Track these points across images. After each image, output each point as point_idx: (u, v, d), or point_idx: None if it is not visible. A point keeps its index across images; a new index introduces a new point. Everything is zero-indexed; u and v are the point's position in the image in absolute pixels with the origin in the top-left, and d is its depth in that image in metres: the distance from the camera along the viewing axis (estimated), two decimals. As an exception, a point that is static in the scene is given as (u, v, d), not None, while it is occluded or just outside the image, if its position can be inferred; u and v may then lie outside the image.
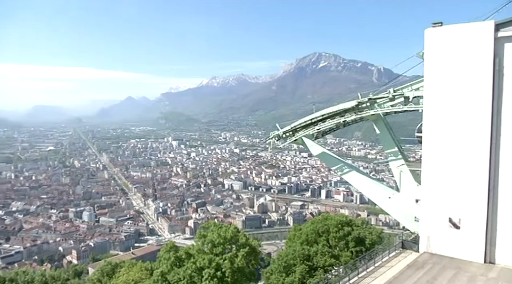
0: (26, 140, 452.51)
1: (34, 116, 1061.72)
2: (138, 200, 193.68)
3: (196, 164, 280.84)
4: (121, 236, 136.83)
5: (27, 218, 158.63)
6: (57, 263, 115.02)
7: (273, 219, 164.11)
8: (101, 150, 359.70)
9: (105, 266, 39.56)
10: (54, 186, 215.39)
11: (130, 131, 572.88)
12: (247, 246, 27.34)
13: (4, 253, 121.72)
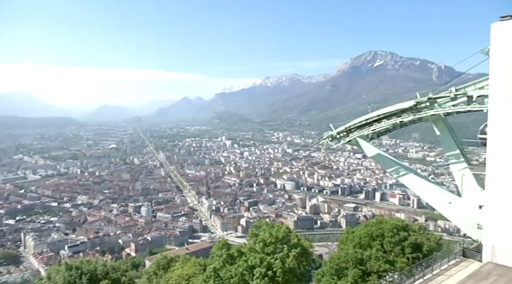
0: (91, 138, 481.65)
1: (99, 115, 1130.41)
2: (193, 197, 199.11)
3: (248, 164, 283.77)
4: (176, 232, 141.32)
5: (91, 211, 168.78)
6: (117, 254, 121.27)
7: (325, 220, 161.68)
8: (158, 148, 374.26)
9: (161, 259, 41.11)
10: (116, 181, 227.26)
11: (185, 130, 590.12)
12: (299, 246, 27.14)
13: (71, 243, 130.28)
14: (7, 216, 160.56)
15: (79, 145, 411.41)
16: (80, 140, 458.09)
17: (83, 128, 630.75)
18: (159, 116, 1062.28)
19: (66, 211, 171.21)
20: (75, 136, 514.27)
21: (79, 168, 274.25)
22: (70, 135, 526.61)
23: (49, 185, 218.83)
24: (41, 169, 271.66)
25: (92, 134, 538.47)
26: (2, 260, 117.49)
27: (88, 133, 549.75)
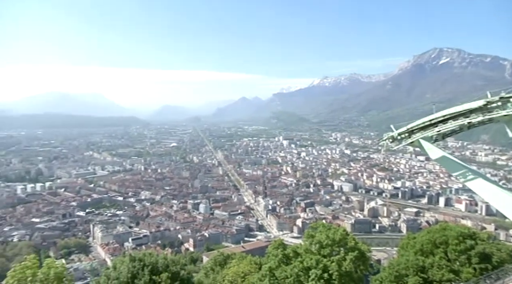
0: (154, 137, 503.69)
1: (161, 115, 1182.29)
2: (249, 196, 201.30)
3: (305, 164, 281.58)
4: (233, 230, 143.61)
5: (153, 206, 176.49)
6: (177, 249, 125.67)
7: (384, 224, 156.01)
8: (216, 147, 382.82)
9: (218, 256, 42.10)
10: (176, 179, 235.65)
11: (243, 130, 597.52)
12: (356, 250, 26.47)
13: (134, 235, 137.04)
14: (78, 208, 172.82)
15: (143, 143, 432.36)
16: (144, 139, 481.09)
17: (147, 127, 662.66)
18: (218, 116, 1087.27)
19: (130, 206, 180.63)
20: (140, 134, 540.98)
21: (143, 165, 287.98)
22: (135, 133, 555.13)
23: (116, 180, 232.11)
24: (109, 165, 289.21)
25: (155, 133, 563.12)
26: (74, 249, 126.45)
27: (151, 132, 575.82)
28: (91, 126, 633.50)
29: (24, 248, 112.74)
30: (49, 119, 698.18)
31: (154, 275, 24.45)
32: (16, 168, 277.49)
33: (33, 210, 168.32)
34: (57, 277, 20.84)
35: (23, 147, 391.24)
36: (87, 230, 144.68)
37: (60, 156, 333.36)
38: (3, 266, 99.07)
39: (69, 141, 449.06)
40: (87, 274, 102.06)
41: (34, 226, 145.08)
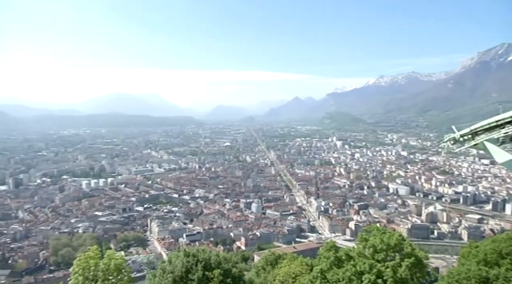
0: (208, 136, 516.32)
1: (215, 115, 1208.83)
2: (301, 197, 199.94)
3: (359, 165, 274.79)
4: (284, 230, 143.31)
5: (206, 204, 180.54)
6: (228, 246, 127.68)
7: (444, 231, 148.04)
8: (269, 147, 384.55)
9: (269, 255, 42.22)
10: (229, 178, 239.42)
11: (296, 130, 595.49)
12: (413, 256, 25.36)
13: (188, 232, 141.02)
14: (137, 203, 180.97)
15: (198, 143, 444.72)
16: (199, 138, 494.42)
17: (201, 126, 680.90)
18: (271, 116, 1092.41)
19: (185, 203, 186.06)
20: (195, 134, 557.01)
21: (197, 163, 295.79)
22: (191, 133, 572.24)
23: (172, 178, 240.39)
24: (165, 163, 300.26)
25: (209, 132, 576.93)
26: (132, 242, 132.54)
27: (205, 131, 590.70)
28: (150, 126, 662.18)
29: (88, 239, 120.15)
30: (111, 119, 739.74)
31: (207, 271, 25.01)
32: (82, 164, 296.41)
33: (96, 204, 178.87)
34: (117, 268, 21.99)
35: (88, 145, 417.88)
36: (145, 225, 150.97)
37: (121, 154, 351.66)
38: (70, 255, 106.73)
39: (129, 139, 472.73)
40: (144, 267, 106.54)
41: (97, 219, 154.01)
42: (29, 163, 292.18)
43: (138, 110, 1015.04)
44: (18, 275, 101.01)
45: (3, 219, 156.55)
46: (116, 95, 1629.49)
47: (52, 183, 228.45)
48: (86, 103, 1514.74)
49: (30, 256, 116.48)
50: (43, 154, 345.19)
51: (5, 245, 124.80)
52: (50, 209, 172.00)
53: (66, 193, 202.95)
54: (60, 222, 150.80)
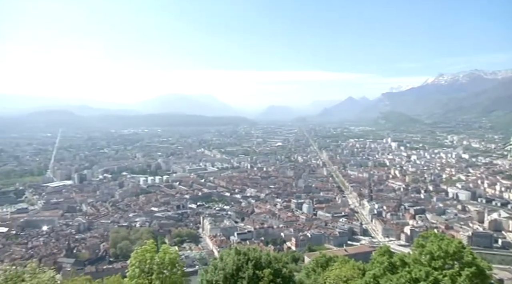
0: (260, 136, 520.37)
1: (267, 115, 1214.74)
2: (354, 199, 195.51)
3: (416, 168, 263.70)
4: (335, 232, 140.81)
5: (257, 204, 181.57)
6: (279, 246, 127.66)
7: (509, 240, 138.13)
8: (321, 148, 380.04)
9: (320, 257, 41.65)
10: (280, 178, 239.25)
11: (349, 130, 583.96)
12: (474, 265, 23.87)
13: (240, 230, 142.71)
14: (190, 200, 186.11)
15: (250, 142, 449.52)
16: (251, 138, 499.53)
17: (253, 126, 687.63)
18: (323, 116, 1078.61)
19: (237, 201, 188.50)
20: (247, 134, 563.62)
21: (249, 163, 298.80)
22: (243, 133, 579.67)
23: (224, 177, 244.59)
24: (218, 162, 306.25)
25: (261, 132, 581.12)
26: (185, 238, 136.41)
27: (258, 131, 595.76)
28: (204, 125, 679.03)
29: (144, 233, 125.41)
30: (167, 118, 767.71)
31: (257, 269, 25.21)
32: (140, 161, 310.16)
33: (152, 200, 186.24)
34: (171, 262, 22.82)
35: (145, 143, 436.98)
36: (198, 222, 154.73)
37: (176, 152, 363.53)
38: (127, 248, 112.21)
39: (184, 138, 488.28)
40: (196, 262, 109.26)
41: (153, 214, 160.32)
42: (92, 159, 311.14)
43: (193, 110, 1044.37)
44: (82, 264, 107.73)
45: (69, 212, 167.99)
46: (172, 95, 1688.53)
47: (113, 179, 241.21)
48: (144, 103, 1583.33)
49: (92, 247, 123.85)
50: (105, 152, 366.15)
51: (70, 235, 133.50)
52: (110, 203, 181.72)
53: (125, 188, 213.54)
54: (119, 216, 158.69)
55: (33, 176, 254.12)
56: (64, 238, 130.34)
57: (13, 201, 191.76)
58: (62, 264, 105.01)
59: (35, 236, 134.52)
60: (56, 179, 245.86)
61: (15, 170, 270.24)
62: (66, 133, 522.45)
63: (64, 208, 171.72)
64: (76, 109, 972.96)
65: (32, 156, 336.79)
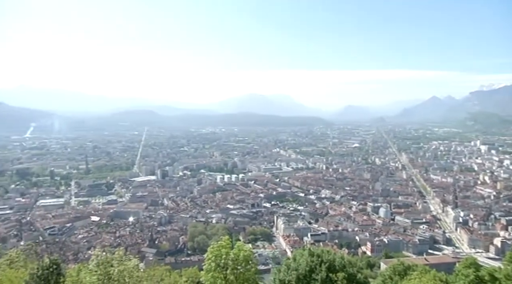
0: (336, 137, 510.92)
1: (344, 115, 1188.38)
2: (436, 205, 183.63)
3: (509, 174, 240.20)
4: (415, 239, 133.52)
5: (332, 205, 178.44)
6: (353, 250, 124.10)
7: None
8: (401, 150, 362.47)
9: (397, 265, 39.78)
10: (357, 180, 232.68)
11: (432, 132, 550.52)
12: None
13: (313, 231, 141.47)
14: (265, 199, 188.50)
15: (325, 143, 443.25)
16: (327, 138, 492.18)
17: (329, 127, 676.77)
18: (404, 117, 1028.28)
19: (311, 202, 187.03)
20: (323, 134, 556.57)
21: (324, 164, 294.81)
22: (318, 133, 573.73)
23: (299, 177, 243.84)
24: (293, 162, 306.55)
25: (337, 133, 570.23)
26: (259, 236, 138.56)
27: (334, 131, 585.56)
28: (279, 125, 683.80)
29: (220, 229, 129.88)
30: (244, 118, 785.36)
31: (331, 272, 24.82)
32: (217, 160, 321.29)
33: (228, 197, 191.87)
34: (245, 259, 23.36)
35: (223, 142, 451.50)
36: (271, 221, 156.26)
37: (251, 152, 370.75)
38: (204, 242, 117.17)
39: (260, 138, 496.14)
40: (269, 261, 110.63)
41: (229, 212, 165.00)
42: (173, 157, 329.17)
43: (269, 110, 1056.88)
44: (162, 254, 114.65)
45: (152, 205, 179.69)
46: (249, 96, 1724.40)
47: (192, 175, 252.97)
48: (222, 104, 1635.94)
49: (171, 240, 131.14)
50: (185, 150, 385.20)
51: (153, 227, 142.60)
52: (189, 199, 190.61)
53: (203, 185, 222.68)
54: (197, 212, 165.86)
55: (121, 171, 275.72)
56: (148, 229, 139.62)
57: (105, 193, 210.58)
58: (145, 254, 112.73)
59: (122, 226, 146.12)
60: (142, 174, 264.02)
61: (106, 165, 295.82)
62: (151, 132, 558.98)
63: (148, 201, 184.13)
64: (159, 109, 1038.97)
65: (121, 152, 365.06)
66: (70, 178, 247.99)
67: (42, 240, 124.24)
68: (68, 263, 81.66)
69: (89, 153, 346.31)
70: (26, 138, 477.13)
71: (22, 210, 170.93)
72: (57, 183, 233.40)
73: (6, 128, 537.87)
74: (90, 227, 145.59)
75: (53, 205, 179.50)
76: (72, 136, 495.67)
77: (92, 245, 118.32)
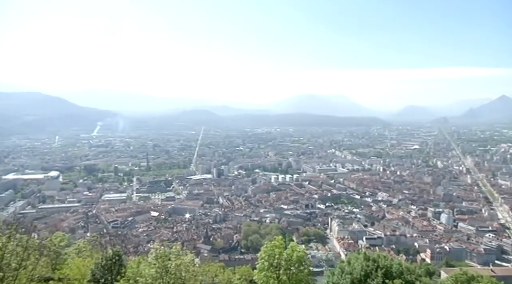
0: (394, 138, 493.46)
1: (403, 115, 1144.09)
2: (505, 212, 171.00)
3: None
4: (480, 248, 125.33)
5: (389, 209, 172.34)
6: (411, 257, 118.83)
7: None
8: (465, 153, 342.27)
9: (460, 275, 37.65)
10: (416, 183, 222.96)
11: (500, 134, 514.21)
12: None
13: (369, 235, 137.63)
14: (319, 200, 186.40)
15: (383, 144, 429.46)
16: (384, 139, 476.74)
17: (387, 128, 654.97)
18: (469, 117, 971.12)
19: (366, 205, 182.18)
20: (380, 135, 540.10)
21: (381, 166, 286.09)
22: (376, 134, 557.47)
23: (354, 179, 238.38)
24: (349, 164, 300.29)
25: (396, 134, 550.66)
26: (313, 237, 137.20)
27: (392, 132, 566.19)
28: (335, 126, 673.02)
29: (274, 229, 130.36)
30: (299, 118, 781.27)
31: (387, 278, 24.09)
32: (272, 160, 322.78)
33: (282, 197, 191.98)
34: (298, 259, 23.39)
35: (277, 142, 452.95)
36: (325, 222, 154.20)
37: (306, 152, 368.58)
38: (257, 241, 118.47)
39: (315, 138, 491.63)
40: (322, 263, 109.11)
41: (282, 212, 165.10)
42: (229, 156, 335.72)
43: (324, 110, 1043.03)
44: (217, 251, 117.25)
45: (208, 203, 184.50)
46: (304, 96, 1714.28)
47: (246, 175, 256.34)
48: (278, 104, 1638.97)
49: (226, 237, 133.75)
50: (240, 149, 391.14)
51: (208, 224, 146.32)
52: (243, 198, 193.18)
53: (257, 185, 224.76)
54: (251, 211, 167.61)
55: (179, 169, 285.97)
56: (203, 226, 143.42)
57: (163, 190, 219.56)
58: (200, 250, 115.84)
59: (179, 222, 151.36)
60: (198, 173, 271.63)
61: (165, 163, 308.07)
62: (207, 131, 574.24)
63: (204, 199, 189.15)
64: (217, 109, 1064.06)
65: (179, 151, 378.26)
66: (132, 174, 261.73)
67: (106, 232, 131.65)
68: (129, 255, 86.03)
69: (149, 151, 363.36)
70: (93, 136, 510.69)
71: (88, 203, 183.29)
72: (120, 179, 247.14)
73: (76, 127, 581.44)
74: (149, 221, 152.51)
75: (116, 199, 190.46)
76: (134, 135, 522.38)
77: (151, 238, 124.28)
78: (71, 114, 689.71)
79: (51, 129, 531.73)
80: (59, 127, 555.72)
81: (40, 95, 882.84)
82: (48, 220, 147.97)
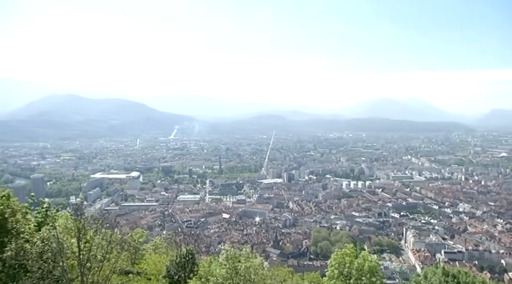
0: (478, 144, 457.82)
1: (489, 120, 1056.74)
2: None
3: None
4: None
5: (471, 222, 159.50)
6: (498, 276, 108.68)
7: None
8: None
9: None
10: (504, 195, 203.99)
11: None
12: None
13: (448, 248, 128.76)
14: (393, 209, 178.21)
15: (465, 151, 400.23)
16: (467, 146, 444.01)
17: (470, 133, 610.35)
18: None
19: (446, 216, 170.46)
20: (462, 141, 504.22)
21: (463, 174, 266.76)
22: (457, 140, 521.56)
23: (432, 187, 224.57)
24: (426, 171, 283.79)
25: (480, 140, 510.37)
26: (385, 248, 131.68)
27: (475, 139, 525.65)
28: (411, 131, 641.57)
29: (344, 237, 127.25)
30: (372, 123, 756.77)
31: (467, 296, 22.58)
32: (343, 165, 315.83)
33: (353, 204, 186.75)
34: (370, 270, 22.70)
35: (349, 147, 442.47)
36: (400, 233, 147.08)
37: (380, 158, 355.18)
38: (327, 248, 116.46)
39: (389, 144, 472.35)
40: (396, 275, 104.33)
41: (354, 219, 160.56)
42: (299, 161, 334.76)
43: (400, 115, 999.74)
44: (285, 256, 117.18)
45: (278, 207, 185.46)
46: (380, 100, 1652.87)
47: (317, 180, 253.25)
48: (352, 108, 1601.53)
49: (295, 242, 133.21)
50: (311, 154, 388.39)
51: (277, 229, 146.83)
52: (314, 203, 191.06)
53: (328, 191, 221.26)
54: (321, 217, 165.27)
55: (250, 172, 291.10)
56: (272, 230, 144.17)
57: (234, 193, 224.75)
58: (269, 254, 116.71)
59: (249, 225, 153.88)
60: (269, 177, 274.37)
61: (237, 166, 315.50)
62: (279, 136, 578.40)
63: (274, 203, 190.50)
64: (288, 114, 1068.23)
65: (250, 155, 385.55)
66: (205, 176, 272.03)
67: (180, 231, 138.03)
68: (201, 254, 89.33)
69: (222, 154, 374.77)
70: (170, 139, 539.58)
71: (165, 203, 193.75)
72: (194, 181, 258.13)
73: (156, 130, 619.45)
74: (221, 223, 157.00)
75: (190, 200, 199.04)
76: (208, 138, 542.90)
77: (222, 240, 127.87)
78: (151, 118, 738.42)
79: (133, 132, 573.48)
80: (140, 131, 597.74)
81: (124, 102, 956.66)
82: (129, 217, 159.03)
